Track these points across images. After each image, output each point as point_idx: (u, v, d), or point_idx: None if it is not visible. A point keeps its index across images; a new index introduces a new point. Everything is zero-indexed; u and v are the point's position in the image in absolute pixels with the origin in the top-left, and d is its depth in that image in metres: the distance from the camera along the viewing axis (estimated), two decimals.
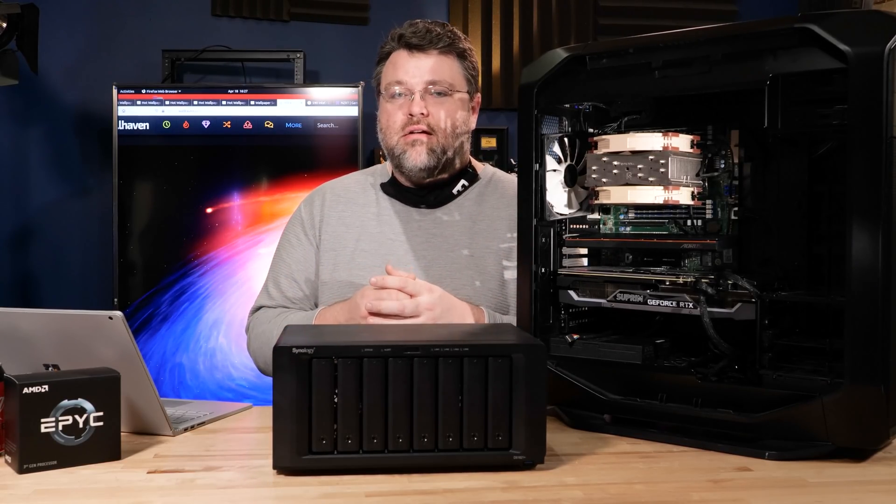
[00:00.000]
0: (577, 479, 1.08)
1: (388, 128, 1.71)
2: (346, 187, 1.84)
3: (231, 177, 3.34)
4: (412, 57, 1.69)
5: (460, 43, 1.72)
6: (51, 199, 3.69)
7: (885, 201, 1.07)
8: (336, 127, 3.34)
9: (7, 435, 1.15)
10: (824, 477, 1.08)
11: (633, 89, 1.33)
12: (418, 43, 1.68)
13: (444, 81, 1.68)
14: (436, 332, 1.30)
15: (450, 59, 1.70)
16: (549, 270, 1.41)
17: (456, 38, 1.72)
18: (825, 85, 1.16)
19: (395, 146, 1.70)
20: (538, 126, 1.37)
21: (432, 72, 1.68)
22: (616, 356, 1.33)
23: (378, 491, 1.03)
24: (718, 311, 1.24)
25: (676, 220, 1.39)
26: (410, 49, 1.69)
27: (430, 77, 1.68)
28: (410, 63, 1.69)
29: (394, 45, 1.71)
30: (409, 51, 1.69)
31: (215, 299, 3.32)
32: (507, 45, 3.88)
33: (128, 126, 3.32)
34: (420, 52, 1.69)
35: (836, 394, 1.11)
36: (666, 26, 1.37)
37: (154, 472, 1.11)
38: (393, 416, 1.08)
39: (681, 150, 1.31)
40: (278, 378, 1.07)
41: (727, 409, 1.21)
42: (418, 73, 1.68)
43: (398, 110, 1.69)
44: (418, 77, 1.68)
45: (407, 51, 1.69)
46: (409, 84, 1.68)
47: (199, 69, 3.76)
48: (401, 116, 1.68)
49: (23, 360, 1.33)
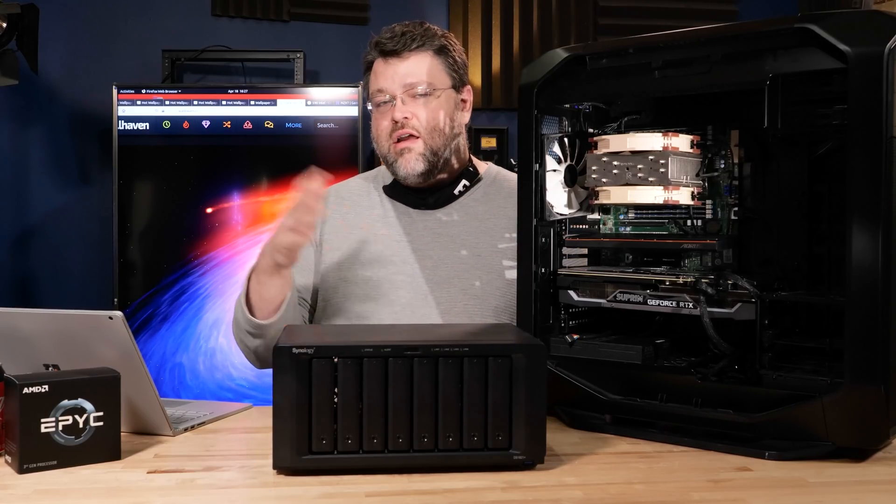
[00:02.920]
0: (577, 479, 1.08)
1: (378, 136, 1.72)
2: (350, 189, 1.85)
3: (231, 177, 3.33)
4: (388, 63, 1.70)
5: (436, 40, 1.71)
6: (51, 198, 3.69)
7: (885, 201, 1.07)
8: (336, 127, 3.33)
9: (7, 435, 1.15)
10: (824, 477, 1.08)
11: (633, 89, 1.33)
12: (392, 48, 1.69)
13: (422, 81, 1.68)
14: (436, 332, 1.30)
15: (426, 57, 1.70)
16: (549, 270, 1.41)
17: (431, 36, 1.71)
18: (825, 85, 1.16)
19: (386, 154, 1.71)
20: (538, 126, 1.37)
21: (410, 74, 1.68)
22: (616, 356, 1.33)
23: (378, 491, 1.03)
24: (718, 311, 1.24)
25: (676, 220, 1.39)
26: (385, 55, 1.70)
27: (406, 80, 1.68)
28: (388, 69, 1.69)
29: (373, 53, 1.72)
30: (384, 57, 1.70)
31: (215, 299, 3.32)
32: (507, 45, 3.88)
33: (128, 126, 3.32)
34: (394, 56, 1.69)
35: (836, 394, 1.11)
36: (666, 26, 1.37)
37: (154, 472, 1.11)
38: (393, 416, 1.08)
39: (681, 150, 1.31)
40: (278, 378, 1.07)
41: (727, 409, 1.21)
42: (396, 78, 1.68)
43: (383, 118, 1.70)
44: (396, 82, 1.68)
45: (383, 58, 1.70)
46: (389, 90, 1.69)
47: (199, 69, 3.75)
48: (386, 124, 1.69)
49: (23, 360, 1.33)
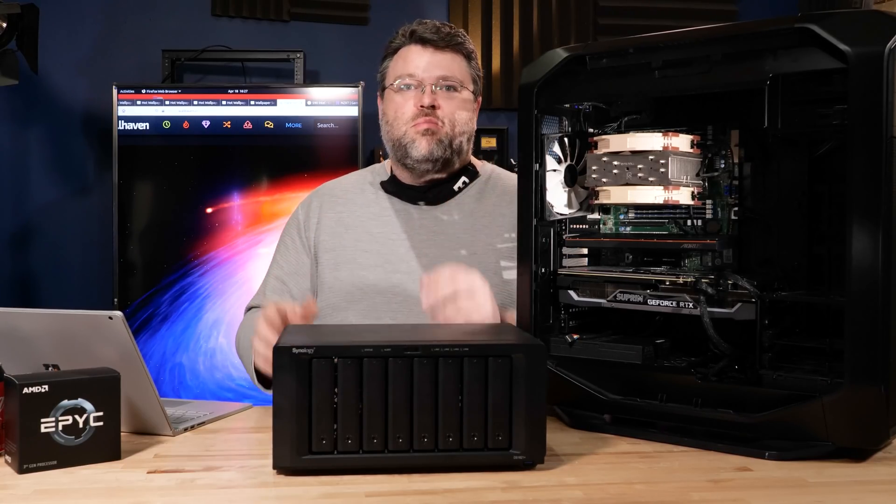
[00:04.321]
0: (577, 479, 1.08)
1: (397, 119, 1.71)
2: (345, 188, 1.85)
3: (231, 177, 3.34)
4: (425, 51, 1.71)
5: (468, 44, 1.76)
6: (51, 198, 3.69)
7: (885, 201, 1.07)
8: (336, 127, 3.34)
9: (7, 435, 1.15)
10: (824, 477, 1.08)
11: (633, 89, 1.33)
12: (431, 38, 1.70)
13: (455, 77, 1.71)
14: (436, 332, 1.30)
15: (459, 57, 1.73)
16: (549, 270, 1.41)
17: (465, 39, 1.75)
18: (825, 85, 1.16)
19: (402, 136, 1.70)
20: (538, 126, 1.37)
21: (444, 67, 1.70)
22: (616, 356, 1.33)
23: (378, 491, 1.03)
24: (718, 311, 1.24)
25: (676, 220, 1.39)
26: (424, 44, 1.71)
27: (441, 72, 1.70)
28: (423, 57, 1.70)
29: (404, 40, 1.73)
30: (421, 45, 1.71)
31: (215, 299, 3.32)
32: (507, 45, 3.88)
33: (128, 126, 3.32)
34: (433, 47, 1.71)
35: (836, 394, 1.11)
36: (666, 26, 1.37)
37: (154, 472, 1.11)
38: (393, 416, 1.08)
39: (681, 150, 1.31)
40: (278, 378, 1.07)
41: (727, 409, 1.21)
42: (430, 68, 1.69)
43: (408, 101, 1.70)
44: (430, 71, 1.69)
45: (420, 45, 1.71)
46: (420, 77, 1.69)
47: (199, 69, 3.76)
48: (411, 107, 1.69)
49: (23, 360, 1.33)
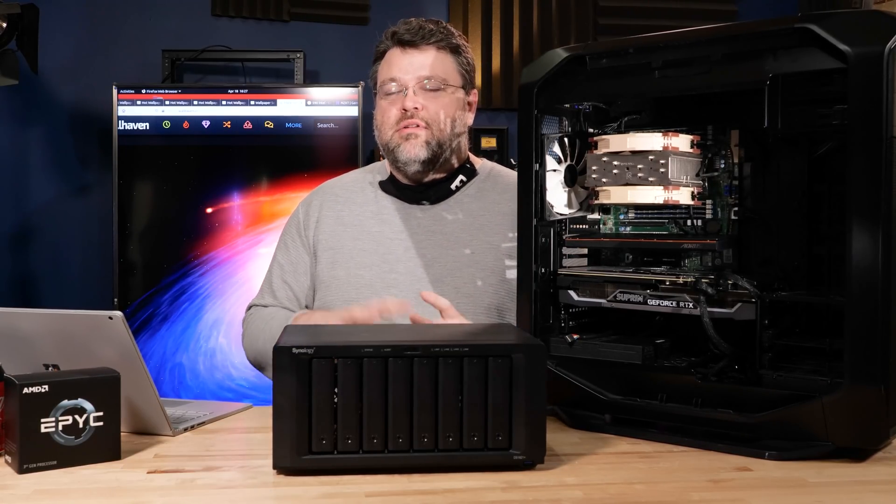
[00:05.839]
0: (577, 479, 1.08)
1: (383, 123, 1.72)
2: (344, 186, 1.85)
3: (231, 177, 3.34)
4: (405, 53, 1.70)
5: (454, 38, 1.74)
6: (51, 199, 3.69)
7: (885, 201, 1.07)
8: (336, 127, 3.34)
9: (7, 435, 1.15)
10: (824, 477, 1.08)
11: (633, 89, 1.33)
12: (410, 39, 1.70)
13: (438, 76, 1.70)
14: (436, 332, 1.30)
15: (443, 54, 1.72)
16: (549, 270, 1.41)
17: (449, 34, 1.73)
18: (825, 85, 1.16)
19: (389, 140, 1.71)
20: (538, 126, 1.37)
21: (425, 67, 1.69)
22: (616, 356, 1.33)
23: (378, 491, 1.03)
24: (718, 311, 1.24)
25: (676, 220, 1.39)
26: (403, 46, 1.71)
27: (422, 72, 1.69)
28: (404, 59, 1.70)
29: (388, 43, 1.73)
30: (401, 47, 1.71)
31: (215, 299, 3.32)
32: (507, 45, 3.88)
33: (128, 126, 3.32)
34: (413, 48, 1.70)
35: (836, 394, 1.11)
36: (666, 26, 1.37)
37: (154, 472, 1.11)
38: (393, 416, 1.08)
39: (681, 150, 1.31)
40: (278, 378, 1.07)
41: (727, 409, 1.21)
42: (411, 69, 1.69)
43: (392, 106, 1.70)
44: (411, 73, 1.69)
45: (400, 48, 1.71)
46: (402, 80, 1.69)
47: (199, 69, 3.75)
48: (395, 112, 1.69)
49: (23, 360, 1.33)
